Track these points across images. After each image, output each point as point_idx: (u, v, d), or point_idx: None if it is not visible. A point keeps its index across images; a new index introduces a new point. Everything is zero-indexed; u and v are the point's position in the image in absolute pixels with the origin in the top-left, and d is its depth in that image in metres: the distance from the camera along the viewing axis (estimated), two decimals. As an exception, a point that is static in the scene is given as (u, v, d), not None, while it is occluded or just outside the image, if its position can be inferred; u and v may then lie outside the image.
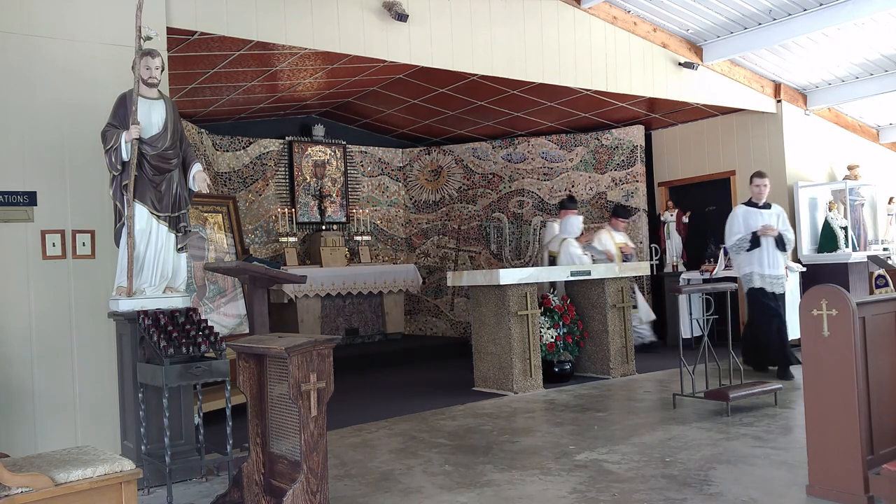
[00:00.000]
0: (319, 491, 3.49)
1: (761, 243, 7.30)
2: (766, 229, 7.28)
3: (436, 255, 11.59)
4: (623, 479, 4.21)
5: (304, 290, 9.59)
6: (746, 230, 7.33)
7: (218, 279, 7.46)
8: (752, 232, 7.29)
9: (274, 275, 5.23)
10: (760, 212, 7.43)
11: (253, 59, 7.39)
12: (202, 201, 7.59)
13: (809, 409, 3.80)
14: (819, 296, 3.76)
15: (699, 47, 9.01)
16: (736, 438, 5.01)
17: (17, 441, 4.80)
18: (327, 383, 3.53)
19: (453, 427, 5.78)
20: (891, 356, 3.91)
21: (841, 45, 8.64)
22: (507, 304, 7.12)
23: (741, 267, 7.50)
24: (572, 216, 8.92)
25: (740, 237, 7.35)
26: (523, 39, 7.78)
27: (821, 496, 3.72)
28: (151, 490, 4.45)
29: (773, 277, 7.40)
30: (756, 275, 7.38)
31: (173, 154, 4.84)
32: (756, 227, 7.30)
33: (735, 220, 7.47)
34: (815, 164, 10.09)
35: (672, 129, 10.93)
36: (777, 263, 7.40)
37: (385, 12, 6.85)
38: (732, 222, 7.48)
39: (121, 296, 4.73)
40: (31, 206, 5.01)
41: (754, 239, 7.29)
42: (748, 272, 7.43)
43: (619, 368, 7.79)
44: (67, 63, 5.18)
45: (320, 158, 10.85)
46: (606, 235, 9.47)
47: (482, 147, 11.37)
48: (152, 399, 4.59)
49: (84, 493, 2.96)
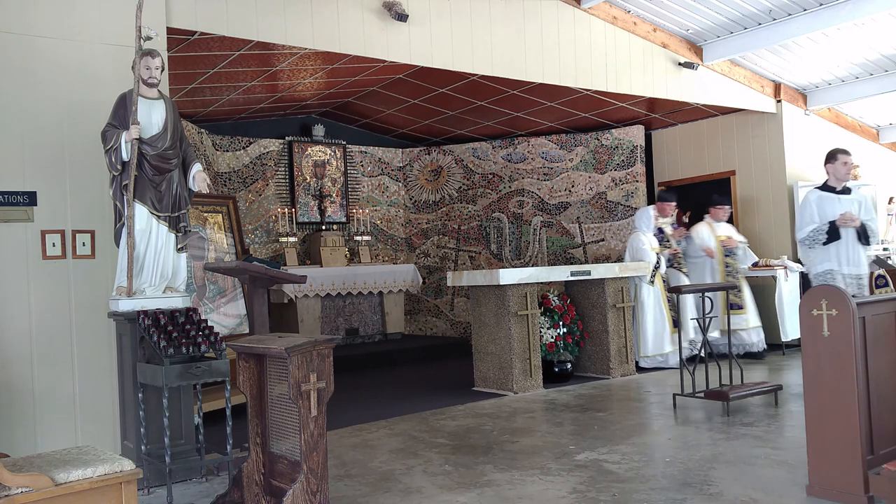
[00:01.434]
0: (319, 491, 3.49)
1: (840, 235, 6.07)
2: (845, 218, 6.03)
3: (436, 255, 11.59)
4: (623, 479, 4.21)
5: (304, 290, 9.59)
6: (822, 220, 6.11)
7: (218, 279, 7.46)
8: (830, 221, 6.05)
9: (274, 275, 5.23)
10: (838, 197, 6.19)
11: (253, 59, 7.39)
12: (202, 201, 7.59)
13: (809, 409, 3.80)
14: (819, 296, 3.76)
15: (699, 47, 9.00)
16: (736, 438, 5.01)
17: (17, 441, 4.79)
18: (327, 383, 3.53)
19: (453, 427, 5.78)
20: (891, 356, 3.90)
21: (841, 45, 8.63)
22: (507, 304, 7.12)
23: (814, 264, 6.25)
24: (647, 208, 8.58)
25: (815, 228, 6.11)
26: (523, 39, 7.78)
27: (821, 496, 3.72)
28: (151, 490, 4.45)
29: (854, 277, 6.18)
30: (837, 274, 6.12)
31: (173, 154, 4.84)
32: (833, 215, 6.08)
33: (807, 207, 6.22)
34: (815, 164, 10.06)
35: (672, 129, 10.93)
36: (859, 260, 6.20)
37: (385, 12, 6.84)
38: (804, 210, 6.26)
39: (121, 296, 4.73)
40: (31, 206, 5.01)
41: (832, 230, 6.06)
42: (825, 270, 6.16)
43: (619, 368, 7.79)
44: (68, 63, 5.18)
45: (320, 158, 10.85)
46: (705, 229, 8.79)
47: (482, 147, 11.37)
48: (152, 399, 4.59)
49: (84, 493, 2.96)
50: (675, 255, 8.59)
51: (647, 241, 8.35)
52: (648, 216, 8.47)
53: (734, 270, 8.78)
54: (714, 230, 8.82)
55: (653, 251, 8.29)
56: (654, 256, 8.23)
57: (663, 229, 8.70)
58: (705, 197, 10.63)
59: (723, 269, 8.79)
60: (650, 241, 8.39)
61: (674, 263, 8.59)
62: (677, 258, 8.64)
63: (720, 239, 8.74)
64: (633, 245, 8.35)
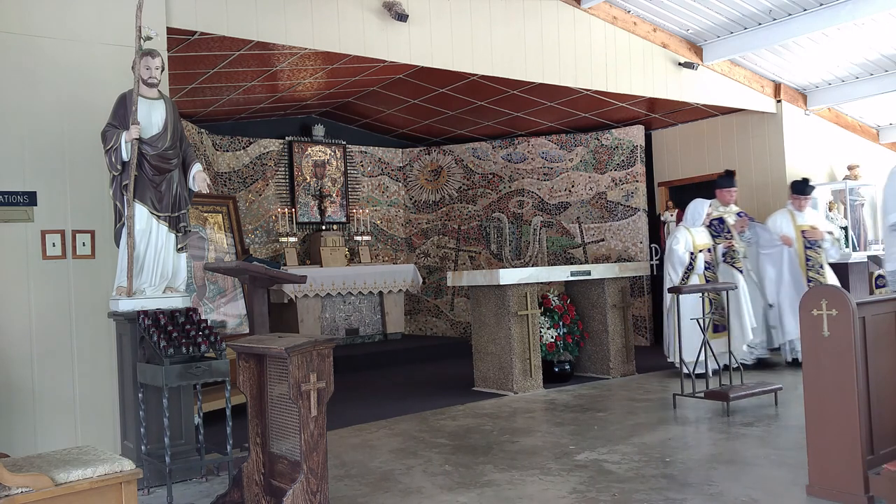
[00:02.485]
0: (319, 491, 3.49)
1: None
2: None
3: (436, 255, 11.59)
4: (623, 479, 4.21)
5: (304, 290, 9.59)
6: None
7: (218, 279, 7.46)
8: None
9: (274, 275, 5.23)
10: None
11: (253, 59, 7.39)
12: (202, 201, 7.60)
13: (809, 409, 3.80)
14: (819, 296, 3.76)
15: (699, 47, 9.01)
16: (736, 438, 5.01)
17: (17, 441, 4.80)
18: (327, 383, 3.53)
19: (453, 427, 5.78)
20: (891, 356, 3.90)
21: (841, 45, 8.63)
22: (507, 304, 7.12)
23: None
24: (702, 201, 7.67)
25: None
26: (523, 39, 7.78)
27: (821, 496, 3.72)
28: (151, 490, 4.45)
29: None
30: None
31: (173, 154, 4.84)
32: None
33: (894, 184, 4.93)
34: (815, 164, 10.09)
35: (672, 129, 10.93)
36: None
37: (385, 12, 6.85)
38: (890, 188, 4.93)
39: (121, 296, 4.73)
40: (31, 206, 5.00)
41: None
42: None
43: (619, 368, 7.79)
44: (68, 63, 5.18)
45: (320, 158, 10.85)
46: (785, 217, 7.89)
47: (482, 147, 11.37)
48: (152, 399, 4.59)
49: (84, 493, 2.96)
50: (729, 249, 7.72)
51: (683, 238, 7.53)
52: (699, 211, 7.59)
53: (816, 265, 7.73)
54: (794, 219, 7.80)
55: (685, 252, 7.46)
56: (684, 257, 7.44)
57: (724, 219, 7.82)
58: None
59: (803, 264, 7.78)
60: (690, 239, 7.54)
61: (727, 258, 7.77)
62: (731, 252, 7.75)
63: (801, 228, 7.73)
64: (668, 244, 7.70)
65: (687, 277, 7.49)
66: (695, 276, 7.50)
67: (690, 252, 7.49)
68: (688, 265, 7.49)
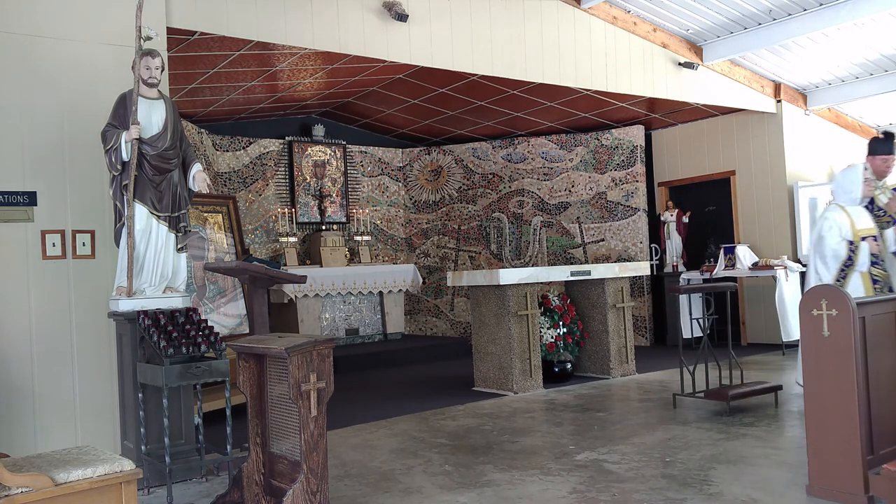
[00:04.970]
0: (319, 491, 3.48)
1: None
2: None
3: (436, 255, 11.59)
4: (623, 479, 4.21)
5: (304, 290, 9.59)
6: None
7: (218, 279, 7.46)
8: None
9: (274, 275, 5.23)
10: None
11: (253, 59, 7.39)
12: (202, 201, 7.60)
13: (809, 408, 3.80)
14: (819, 296, 3.76)
15: (699, 47, 9.01)
16: (736, 438, 5.01)
17: (17, 441, 4.79)
18: (327, 383, 3.53)
19: (453, 427, 5.77)
20: (891, 356, 3.90)
21: (841, 45, 8.63)
22: (507, 304, 7.12)
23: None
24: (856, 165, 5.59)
25: None
26: (523, 39, 7.78)
27: (821, 496, 3.72)
28: (151, 490, 4.45)
29: None
30: None
31: (173, 154, 4.84)
32: None
33: None
34: (815, 164, 10.09)
35: (672, 129, 10.93)
36: None
37: (385, 12, 6.85)
38: None
39: (121, 296, 4.73)
40: (31, 206, 5.00)
41: None
42: None
43: (619, 368, 7.79)
44: (68, 63, 5.18)
45: (320, 158, 10.86)
46: None
47: (482, 147, 11.37)
48: (152, 399, 4.59)
49: (84, 493, 2.96)
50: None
51: (837, 222, 5.44)
52: (856, 177, 5.45)
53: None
54: None
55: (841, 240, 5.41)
56: (840, 249, 5.39)
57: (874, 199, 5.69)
58: (705, 196, 10.66)
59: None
60: (847, 221, 5.43)
61: None
62: None
63: None
64: (817, 230, 5.61)
65: (844, 276, 5.41)
66: (855, 273, 5.39)
67: (849, 240, 5.40)
68: (846, 259, 5.41)
